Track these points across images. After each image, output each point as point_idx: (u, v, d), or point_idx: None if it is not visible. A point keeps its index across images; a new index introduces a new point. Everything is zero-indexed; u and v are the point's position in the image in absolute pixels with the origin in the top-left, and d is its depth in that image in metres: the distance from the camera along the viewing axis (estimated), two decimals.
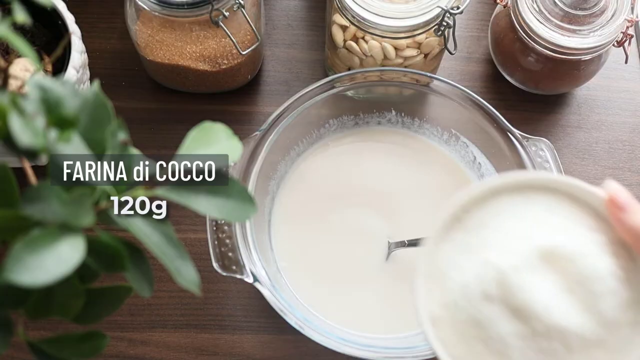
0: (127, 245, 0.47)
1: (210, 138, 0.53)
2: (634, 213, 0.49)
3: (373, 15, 0.74)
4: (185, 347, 0.79)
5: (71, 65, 0.72)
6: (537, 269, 0.49)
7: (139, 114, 0.87)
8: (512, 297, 0.49)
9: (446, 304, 0.51)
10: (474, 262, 0.51)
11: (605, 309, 0.49)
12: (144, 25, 0.77)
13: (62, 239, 0.42)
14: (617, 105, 0.90)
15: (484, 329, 0.50)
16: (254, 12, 0.79)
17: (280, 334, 0.79)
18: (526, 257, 0.49)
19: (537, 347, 0.49)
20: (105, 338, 0.54)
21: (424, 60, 0.80)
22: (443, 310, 0.51)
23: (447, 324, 0.51)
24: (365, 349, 0.69)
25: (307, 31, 0.92)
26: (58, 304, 0.47)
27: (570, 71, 0.81)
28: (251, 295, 0.80)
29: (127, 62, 0.89)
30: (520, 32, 0.79)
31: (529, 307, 0.48)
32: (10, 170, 0.51)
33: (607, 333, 0.49)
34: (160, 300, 0.80)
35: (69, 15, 0.75)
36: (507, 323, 0.49)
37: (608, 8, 0.77)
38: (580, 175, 0.86)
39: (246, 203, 0.54)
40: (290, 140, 0.79)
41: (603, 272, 0.49)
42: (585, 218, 0.51)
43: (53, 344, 0.52)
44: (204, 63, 0.80)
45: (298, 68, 0.90)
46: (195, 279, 0.48)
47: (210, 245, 0.71)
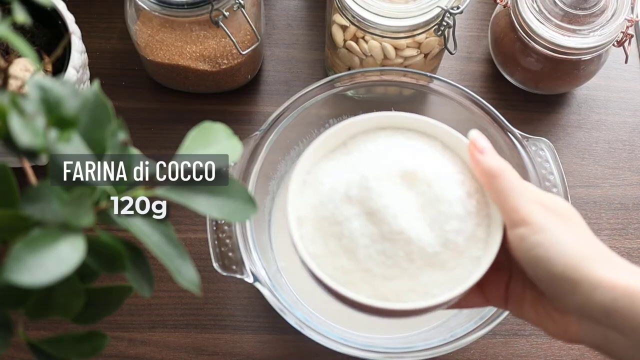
0: (127, 245, 0.47)
1: (210, 138, 0.53)
2: (490, 155, 0.55)
3: (373, 15, 0.74)
4: (185, 347, 0.79)
5: (71, 65, 0.72)
6: (397, 184, 0.56)
7: (139, 114, 0.87)
8: (368, 200, 0.55)
9: (314, 204, 0.57)
10: (346, 172, 0.57)
11: (448, 230, 0.55)
12: (144, 25, 0.77)
13: (62, 239, 0.42)
14: (617, 105, 0.90)
15: (340, 226, 0.55)
16: (254, 12, 0.79)
17: (280, 333, 0.79)
18: (390, 173, 0.56)
19: (382, 249, 0.55)
20: (106, 338, 0.54)
21: (424, 60, 0.80)
22: (310, 210, 0.57)
23: (311, 222, 0.57)
24: (364, 348, 0.69)
25: (307, 31, 0.92)
26: (58, 304, 0.47)
27: (570, 71, 0.81)
28: (251, 295, 0.80)
29: (127, 62, 0.89)
30: (520, 32, 0.79)
31: (381, 212, 0.54)
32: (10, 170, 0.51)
33: (447, 255, 0.55)
34: (160, 300, 0.80)
35: (69, 15, 0.75)
36: (360, 224, 0.55)
37: (608, 8, 0.77)
38: (580, 175, 0.86)
39: (246, 203, 0.54)
40: (290, 140, 0.79)
41: (454, 198, 0.55)
42: (453, 162, 0.58)
43: (53, 344, 0.52)
44: (204, 63, 0.80)
45: (298, 68, 0.90)
46: (195, 279, 0.48)
47: (210, 245, 0.71)
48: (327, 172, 0.59)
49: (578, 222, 0.54)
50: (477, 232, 0.56)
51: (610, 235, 0.84)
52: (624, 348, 0.50)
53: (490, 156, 0.56)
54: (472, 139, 0.56)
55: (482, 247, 0.56)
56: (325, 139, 0.59)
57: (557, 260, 0.51)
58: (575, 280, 0.51)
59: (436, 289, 0.55)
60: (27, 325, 0.51)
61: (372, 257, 0.55)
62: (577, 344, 0.54)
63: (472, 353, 0.79)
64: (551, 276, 0.52)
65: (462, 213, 0.55)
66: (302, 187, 0.59)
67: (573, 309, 0.52)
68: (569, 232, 0.52)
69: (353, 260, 0.55)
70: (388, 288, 0.55)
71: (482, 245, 0.56)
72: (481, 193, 0.57)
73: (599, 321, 0.51)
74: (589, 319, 0.51)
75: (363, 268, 0.55)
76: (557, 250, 0.51)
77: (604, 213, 0.85)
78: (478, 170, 0.56)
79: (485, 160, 0.55)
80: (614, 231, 0.83)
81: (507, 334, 0.80)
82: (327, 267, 0.56)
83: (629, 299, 0.49)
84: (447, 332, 0.71)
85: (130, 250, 0.48)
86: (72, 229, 0.43)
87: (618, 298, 0.49)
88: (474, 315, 0.71)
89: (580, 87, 0.89)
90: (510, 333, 0.80)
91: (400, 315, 0.57)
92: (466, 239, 0.55)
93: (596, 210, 0.85)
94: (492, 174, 0.55)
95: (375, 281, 0.55)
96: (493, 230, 0.56)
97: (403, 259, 0.55)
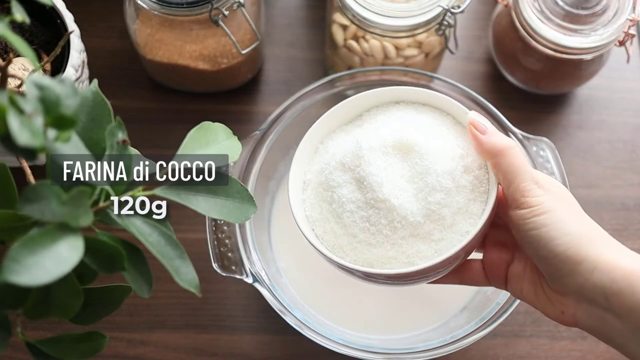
0: (126, 245, 0.47)
1: (210, 138, 0.53)
2: (492, 134, 0.56)
3: (373, 15, 0.73)
4: (185, 347, 0.78)
5: (70, 64, 0.71)
6: (389, 154, 0.57)
7: (138, 114, 0.87)
8: (359, 168, 0.57)
9: (316, 171, 0.61)
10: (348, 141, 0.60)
11: (432, 201, 0.56)
12: (144, 24, 0.77)
13: (61, 238, 0.42)
14: (618, 105, 0.89)
15: (331, 191, 0.58)
16: (253, 11, 0.79)
17: (280, 334, 0.79)
18: (384, 143, 0.57)
19: (366, 216, 0.57)
20: (104, 338, 0.54)
21: (425, 59, 0.80)
22: (314, 175, 0.61)
23: (313, 187, 0.61)
24: (364, 349, 0.69)
25: (307, 30, 0.92)
26: (57, 304, 0.46)
27: (571, 71, 0.81)
28: (251, 295, 0.80)
29: (127, 61, 0.89)
30: (521, 32, 0.79)
31: (367, 179, 0.56)
32: (9, 169, 0.51)
33: (431, 227, 0.56)
34: (159, 300, 0.79)
35: (68, 14, 0.75)
36: (349, 190, 0.58)
37: (610, 7, 0.77)
38: (581, 175, 0.86)
39: (246, 203, 0.54)
40: (290, 140, 0.79)
41: (443, 172, 0.56)
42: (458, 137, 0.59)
43: (52, 344, 0.52)
44: (203, 62, 0.80)
45: (298, 67, 0.90)
46: (194, 279, 0.48)
47: (209, 246, 0.70)
48: (335, 141, 0.62)
49: (575, 204, 0.56)
50: (470, 208, 0.57)
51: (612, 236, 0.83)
52: (619, 331, 0.52)
53: (493, 135, 0.56)
54: (472, 120, 0.57)
55: (474, 222, 0.57)
56: (337, 109, 0.62)
57: (559, 240, 0.52)
58: (575, 260, 0.52)
59: (420, 259, 0.56)
60: (25, 326, 0.51)
61: (357, 223, 0.57)
62: (574, 327, 0.55)
63: (473, 354, 0.79)
64: (553, 256, 0.53)
65: (450, 186, 0.56)
66: (312, 154, 0.62)
67: (571, 290, 0.53)
68: (570, 213, 0.54)
69: (341, 225, 0.58)
70: (372, 254, 0.57)
71: (475, 220, 0.57)
72: (484, 170, 0.58)
73: (597, 303, 0.52)
74: (587, 301, 0.52)
75: (349, 233, 0.58)
76: (560, 230, 0.53)
77: (605, 213, 0.84)
78: (481, 150, 0.57)
79: (487, 140, 0.56)
80: (615, 232, 0.83)
81: (508, 335, 0.79)
82: (319, 230, 0.59)
83: (626, 281, 0.50)
84: (447, 333, 0.71)
85: (130, 251, 0.47)
86: (71, 229, 0.43)
87: (616, 280, 0.51)
88: (474, 316, 0.71)
89: (581, 87, 0.89)
90: (510, 334, 0.79)
91: (384, 280, 0.59)
92: (454, 212, 0.56)
93: (597, 210, 0.84)
94: (495, 153, 0.56)
95: (359, 247, 0.57)
96: (487, 207, 0.57)
97: (385, 226, 0.56)
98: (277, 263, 0.78)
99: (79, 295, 0.47)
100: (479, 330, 0.69)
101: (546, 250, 0.53)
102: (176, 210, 0.54)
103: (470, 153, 0.58)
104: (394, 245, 0.56)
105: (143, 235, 0.47)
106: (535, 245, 0.53)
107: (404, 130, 0.58)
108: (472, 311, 0.74)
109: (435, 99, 0.61)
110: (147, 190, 0.48)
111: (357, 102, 0.62)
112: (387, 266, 0.57)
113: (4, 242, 0.48)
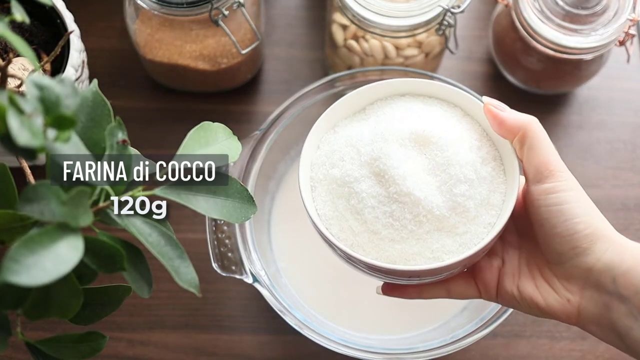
0: (126, 245, 0.47)
1: (210, 138, 0.53)
2: (512, 112, 0.56)
3: (373, 14, 0.73)
4: (185, 347, 0.78)
5: (70, 64, 0.71)
6: (408, 147, 0.56)
7: (138, 114, 0.87)
8: (378, 162, 0.55)
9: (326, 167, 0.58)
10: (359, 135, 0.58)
11: (457, 193, 0.54)
12: (143, 24, 0.77)
13: (61, 238, 0.42)
14: (618, 105, 0.89)
15: (348, 187, 0.56)
16: (253, 11, 0.79)
17: (280, 334, 0.79)
18: (402, 136, 0.56)
19: (389, 211, 0.55)
20: (104, 338, 0.54)
21: (425, 59, 0.80)
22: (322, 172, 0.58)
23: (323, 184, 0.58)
24: (364, 349, 0.69)
25: (307, 30, 0.92)
26: (56, 304, 0.46)
27: (571, 71, 0.81)
28: (250, 295, 0.80)
29: (126, 61, 0.89)
30: (521, 32, 0.79)
31: (389, 173, 0.55)
32: (9, 169, 0.51)
33: (456, 220, 0.55)
34: (159, 300, 0.79)
35: (67, 13, 0.75)
36: (368, 185, 0.55)
37: (610, 7, 0.77)
38: (581, 175, 0.86)
39: (246, 203, 0.54)
40: (290, 140, 0.79)
41: (465, 163, 0.55)
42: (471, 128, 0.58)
43: (51, 344, 0.52)
44: (203, 62, 0.80)
45: (298, 67, 0.90)
46: (194, 279, 0.48)
47: (209, 246, 0.70)
48: (345, 136, 0.59)
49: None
50: (491, 199, 0.56)
51: None
52: (623, 316, 0.52)
53: (513, 112, 0.56)
54: (488, 101, 0.57)
55: (495, 214, 0.56)
56: (341, 102, 0.60)
57: (580, 218, 0.53)
58: (592, 239, 0.53)
59: (445, 254, 0.55)
60: (25, 326, 0.51)
61: (379, 219, 0.55)
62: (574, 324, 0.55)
63: (473, 354, 0.79)
64: (571, 233, 0.53)
65: (473, 177, 0.55)
66: (315, 150, 0.60)
67: (580, 272, 0.53)
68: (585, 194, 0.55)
69: (360, 222, 0.56)
70: (396, 250, 0.55)
71: (496, 212, 0.56)
72: (499, 161, 0.57)
73: (603, 288, 0.52)
74: (593, 286, 0.53)
75: (370, 230, 0.55)
76: (582, 208, 0.53)
77: (605, 214, 0.83)
78: (504, 129, 0.56)
79: (509, 116, 0.55)
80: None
81: (508, 335, 0.79)
82: (334, 228, 0.57)
83: (634, 261, 0.52)
84: (447, 333, 0.71)
85: (129, 251, 0.47)
86: (71, 229, 0.43)
87: (625, 260, 0.52)
88: (475, 316, 0.71)
89: (581, 87, 0.89)
90: (510, 334, 0.79)
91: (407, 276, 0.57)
92: (478, 204, 0.55)
93: None
94: (520, 126, 0.55)
95: (381, 244, 0.55)
96: (508, 197, 0.56)
97: (410, 221, 0.55)
98: (277, 263, 0.78)
99: (78, 295, 0.46)
100: (479, 330, 0.69)
101: (565, 227, 0.53)
102: (176, 210, 0.54)
103: (484, 144, 0.57)
104: (419, 241, 0.55)
105: (143, 235, 0.47)
106: (554, 222, 0.53)
107: (420, 121, 0.57)
108: (472, 311, 0.74)
109: (443, 90, 0.60)
110: (147, 190, 0.48)
111: (363, 94, 0.60)
112: (411, 262, 0.55)
113: (4, 242, 0.48)
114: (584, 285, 0.54)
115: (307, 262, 0.79)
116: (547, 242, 0.55)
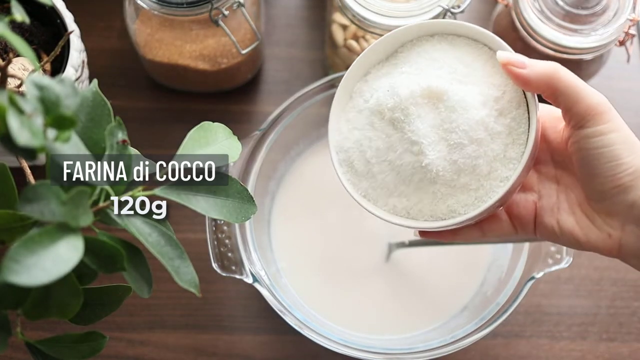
0: (126, 245, 0.47)
1: (210, 138, 0.53)
2: (534, 64, 0.53)
3: (373, 14, 0.73)
4: (184, 347, 0.78)
5: (70, 64, 0.71)
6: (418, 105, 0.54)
7: (138, 114, 0.87)
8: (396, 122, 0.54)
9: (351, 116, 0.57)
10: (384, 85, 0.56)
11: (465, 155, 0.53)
12: (143, 24, 0.77)
13: (61, 238, 0.42)
14: (618, 105, 0.88)
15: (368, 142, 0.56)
16: (253, 11, 0.79)
17: (280, 334, 0.79)
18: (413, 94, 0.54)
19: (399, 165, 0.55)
20: (104, 338, 0.54)
21: None
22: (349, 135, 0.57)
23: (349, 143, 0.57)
24: (364, 349, 0.69)
25: (307, 30, 0.92)
26: (56, 304, 0.46)
27: (571, 70, 0.81)
28: (250, 295, 0.80)
29: (126, 61, 0.89)
30: (521, 32, 0.79)
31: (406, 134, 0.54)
32: (9, 169, 0.51)
33: (468, 179, 0.54)
34: (159, 300, 0.79)
35: (67, 13, 0.75)
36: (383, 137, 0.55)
37: (610, 7, 0.77)
38: None
39: (246, 203, 0.54)
40: (290, 140, 0.79)
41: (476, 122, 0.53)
42: (494, 73, 0.56)
43: (51, 344, 0.52)
44: (203, 62, 0.80)
45: (298, 67, 0.90)
46: (194, 279, 0.48)
47: (209, 246, 0.70)
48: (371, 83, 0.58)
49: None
50: (509, 153, 0.54)
51: None
52: None
53: (535, 64, 0.54)
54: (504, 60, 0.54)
55: (513, 167, 0.54)
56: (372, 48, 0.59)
57: (625, 159, 0.52)
58: (636, 176, 0.52)
59: (461, 208, 0.55)
60: (25, 326, 0.51)
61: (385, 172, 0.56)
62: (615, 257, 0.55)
63: (473, 354, 0.79)
64: (616, 173, 0.52)
65: (482, 137, 0.54)
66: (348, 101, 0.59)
67: (622, 208, 0.53)
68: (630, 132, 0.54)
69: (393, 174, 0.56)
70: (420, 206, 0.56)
71: (514, 165, 0.54)
72: (523, 108, 0.55)
73: None
74: (635, 221, 0.53)
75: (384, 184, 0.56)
76: (627, 149, 0.53)
77: None
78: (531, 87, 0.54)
79: (532, 71, 0.53)
80: None
81: (508, 335, 0.79)
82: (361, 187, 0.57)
83: None
84: (447, 333, 0.71)
85: (129, 251, 0.47)
86: (71, 229, 0.43)
87: None
88: (474, 316, 0.71)
89: None
90: (510, 334, 0.79)
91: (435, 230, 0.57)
92: (491, 160, 0.54)
93: None
94: (548, 78, 0.53)
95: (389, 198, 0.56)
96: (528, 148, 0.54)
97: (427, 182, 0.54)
98: (277, 263, 0.78)
99: (78, 295, 0.46)
100: (479, 330, 0.69)
101: (607, 168, 0.52)
102: (176, 210, 0.54)
103: (507, 91, 0.55)
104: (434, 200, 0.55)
105: (143, 235, 0.47)
106: (596, 163, 0.53)
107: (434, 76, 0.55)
108: (472, 311, 0.74)
109: (471, 30, 0.57)
110: (147, 190, 0.48)
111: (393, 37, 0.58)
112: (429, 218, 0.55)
113: (4, 242, 0.48)
114: (625, 221, 0.53)
115: (307, 262, 0.79)
116: (588, 181, 0.54)
